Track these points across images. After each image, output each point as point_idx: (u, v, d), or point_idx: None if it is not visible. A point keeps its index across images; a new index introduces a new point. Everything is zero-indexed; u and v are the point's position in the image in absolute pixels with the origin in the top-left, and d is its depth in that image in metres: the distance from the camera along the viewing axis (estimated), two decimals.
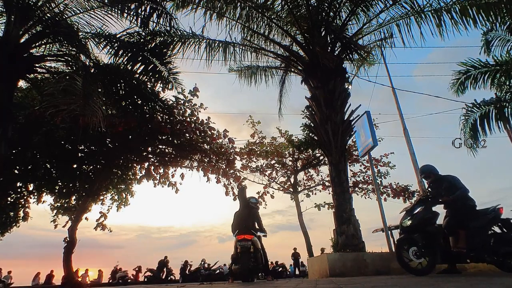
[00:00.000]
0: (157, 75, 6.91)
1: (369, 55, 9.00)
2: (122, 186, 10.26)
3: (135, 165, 9.69)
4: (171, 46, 7.39)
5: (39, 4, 5.95)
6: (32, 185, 8.89)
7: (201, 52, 7.83)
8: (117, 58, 6.49)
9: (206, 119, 8.92)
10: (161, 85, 7.22)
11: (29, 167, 8.25)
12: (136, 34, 6.78)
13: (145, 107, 7.70)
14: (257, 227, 5.84)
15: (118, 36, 6.53)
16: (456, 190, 4.25)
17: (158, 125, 7.87)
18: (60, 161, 8.30)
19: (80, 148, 8.62)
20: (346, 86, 7.30)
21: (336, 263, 5.29)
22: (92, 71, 6.38)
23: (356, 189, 14.23)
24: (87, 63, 6.36)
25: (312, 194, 14.94)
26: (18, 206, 9.03)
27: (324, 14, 7.28)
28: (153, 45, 6.98)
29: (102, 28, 6.54)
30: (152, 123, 7.80)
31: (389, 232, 5.80)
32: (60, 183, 8.92)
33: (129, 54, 6.51)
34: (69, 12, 6.34)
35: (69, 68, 6.38)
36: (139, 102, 7.55)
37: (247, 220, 5.79)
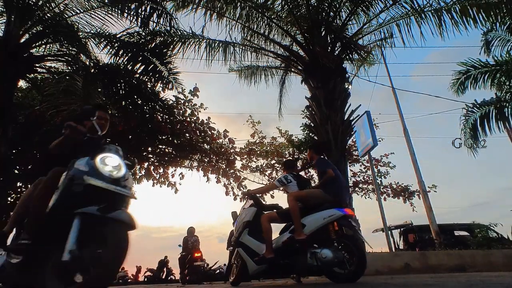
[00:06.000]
0: (157, 75, 6.90)
1: (369, 55, 8.98)
2: None
3: None
4: (171, 46, 7.37)
5: (39, 4, 5.95)
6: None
7: (201, 52, 7.81)
8: (117, 58, 6.49)
9: (206, 119, 8.94)
10: (161, 85, 7.21)
11: (29, 167, 8.24)
12: (136, 34, 6.77)
13: (145, 107, 7.69)
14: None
15: (118, 36, 6.53)
16: None
17: (158, 125, 7.86)
18: None
19: None
20: (346, 86, 7.29)
21: None
22: (92, 71, 6.38)
23: (356, 189, 14.21)
24: (87, 63, 6.36)
25: None
26: None
27: (324, 14, 7.27)
28: (153, 45, 6.98)
29: (102, 28, 6.55)
30: (152, 123, 7.79)
31: (389, 232, 5.80)
32: None
33: (129, 54, 6.51)
34: (69, 12, 6.35)
35: (69, 68, 6.37)
36: (139, 102, 7.55)
37: None
